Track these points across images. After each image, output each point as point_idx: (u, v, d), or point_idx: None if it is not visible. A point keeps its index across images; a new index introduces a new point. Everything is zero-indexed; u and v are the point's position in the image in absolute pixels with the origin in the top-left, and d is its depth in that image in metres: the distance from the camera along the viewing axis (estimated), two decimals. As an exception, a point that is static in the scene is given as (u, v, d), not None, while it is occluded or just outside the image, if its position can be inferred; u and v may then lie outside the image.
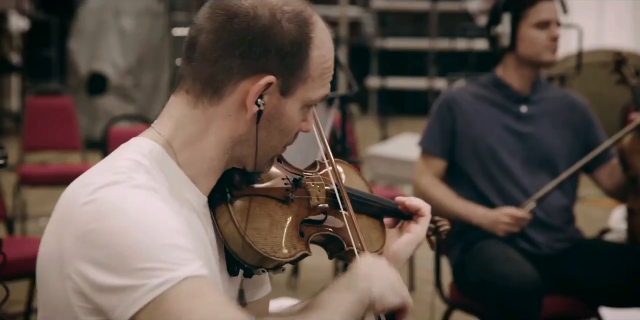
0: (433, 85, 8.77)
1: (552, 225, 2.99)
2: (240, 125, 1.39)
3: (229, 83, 1.37)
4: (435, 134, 3.07)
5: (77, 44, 8.43)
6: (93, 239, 1.24)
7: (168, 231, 1.26)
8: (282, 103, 1.40)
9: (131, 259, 1.22)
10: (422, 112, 9.93)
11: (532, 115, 3.04)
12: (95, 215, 1.25)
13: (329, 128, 3.07)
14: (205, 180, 1.41)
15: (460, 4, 10.44)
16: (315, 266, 4.81)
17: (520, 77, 3.05)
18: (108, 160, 1.37)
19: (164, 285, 1.21)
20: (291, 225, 1.46)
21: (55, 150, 5.53)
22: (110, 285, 1.23)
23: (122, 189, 1.28)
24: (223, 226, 1.42)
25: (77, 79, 8.43)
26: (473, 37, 8.52)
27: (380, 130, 8.58)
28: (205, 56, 1.38)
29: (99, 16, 8.38)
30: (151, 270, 1.22)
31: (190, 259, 1.25)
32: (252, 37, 1.36)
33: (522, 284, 2.69)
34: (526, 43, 2.98)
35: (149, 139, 1.40)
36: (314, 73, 1.41)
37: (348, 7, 10.06)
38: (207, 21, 1.38)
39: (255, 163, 1.42)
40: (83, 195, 1.28)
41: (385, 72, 10.48)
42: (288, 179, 1.50)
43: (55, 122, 5.38)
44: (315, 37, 1.41)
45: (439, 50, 8.96)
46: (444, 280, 3.20)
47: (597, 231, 4.14)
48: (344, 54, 9.21)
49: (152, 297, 1.21)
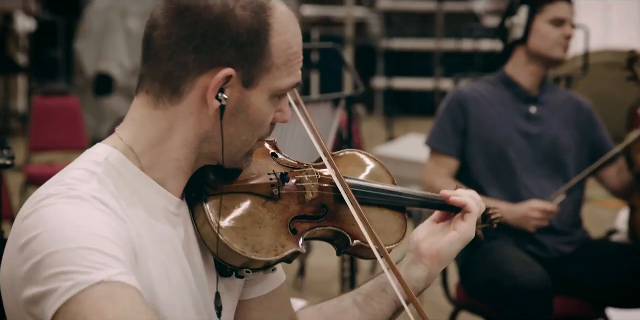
0: (439, 85, 8.76)
1: (560, 229, 2.98)
2: (204, 122, 1.33)
3: (186, 80, 1.31)
4: (447, 133, 3.04)
5: (83, 44, 8.43)
6: (23, 252, 1.21)
7: (90, 235, 1.20)
8: (246, 95, 1.33)
9: (49, 265, 1.18)
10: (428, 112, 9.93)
11: (541, 116, 3.04)
12: (28, 228, 1.23)
13: (335, 128, 3.07)
14: (174, 180, 1.36)
15: (466, 5, 10.43)
16: (321, 267, 4.81)
17: (530, 75, 3.04)
18: (62, 171, 1.33)
19: (75, 287, 1.16)
20: (279, 223, 1.39)
21: (62, 150, 5.54)
22: (34, 295, 1.19)
23: (55, 200, 1.24)
24: (200, 227, 1.37)
25: (83, 79, 8.44)
26: (479, 38, 8.51)
27: (386, 131, 8.57)
28: (159, 54, 1.32)
29: (106, 16, 8.39)
30: (65, 273, 1.17)
31: (109, 264, 1.18)
32: (205, 29, 1.29)
33: (533, 285, 2.68)
34: (538, 36, 2.99)
35: (108, 145, 1.35)
36: (277, 61, 1.33)
37: (354, 7, 10.05)
38: (159, 16, 1.32)
39: (226, 159, 1.35)
40: (25, 210, 1.26)
41: (391, 72, 10.46)
42: (275, 173, 1.42)
43: (61, 123, 5.39)
44: (274, 23, 1.32)
45: (445, 51, 8.95)
46: (451, 280, 3.20)
47: (604, 232, 4.13)
48: (349, 54, 9.20)
49: (64, 300, 1.16)
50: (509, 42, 3.07)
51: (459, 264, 3.03)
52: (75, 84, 8.63)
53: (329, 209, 1.46)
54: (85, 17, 8.53)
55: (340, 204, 1.45)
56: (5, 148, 2.22)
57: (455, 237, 1.51)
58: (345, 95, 3.12)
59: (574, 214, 3.04)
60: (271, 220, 1.39)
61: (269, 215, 1.39)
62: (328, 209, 1.46)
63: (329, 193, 1.46)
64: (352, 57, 9.50)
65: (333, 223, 1.45)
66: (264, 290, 1.52)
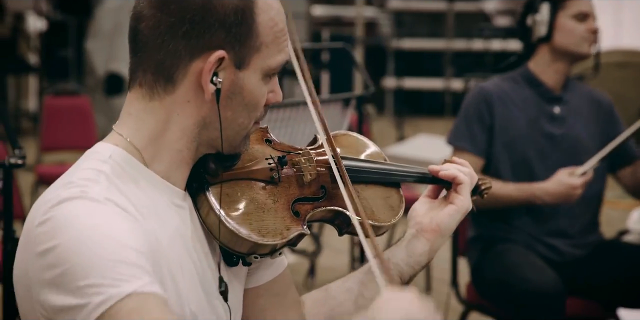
0: (449, 85, 8.76)
1: (574, 233, 2.95)
2: (201, 109, 1.33)
3: (179, 67, 1.31)
4: (473, 131, 2.95)
5: (94, 44, 8.45)
6: (46, 259, 1.22)
7: (116, 246, 1.21)
8: (239, 77, 1.33)
9: (77, 276, 1.19)
10: (438, 112, 9.93)
11: (565, 116, 2.98)
12: (47, 235, 1.23)
13: (346, 128, 3.07)
14: (177, 172, 1.36)
15: (477, 5, 10.41)
16: (331, 267, 4.81)
17: (554, 73, 2.98)
18: (69, 172, 1.33)
19: (106, 303, 1.17)
20: (281, 206, 1.40)
21: (73, 150, 5.55)
22: (62, 306, 1.20)
23: (72, 204, 1.24)
24: (205, 216, 1.37)
25: (94, 79, 8.46)
26: (490, 38, 8.50)
27: (396, 131, 8.56)
28: (149, 44, 1.32)
29: (116, 16, 8.40)
30: (94, 286, 1.18)
31: (136, 275, 1.20)
32: (192, 14, 1.29)
33: (546, 289, 2.66)
34: (564, 33, 2.92)
35: (109, 143, 1.35)
36: (266, 39, 1.33)
37: (364, 7, 10.05)
38: (144, 8, 1.32)
39: (225, 144, 1.36)
40: (39, 215, 1.25)
41: (402, 72, 10.46)
42: (272, 158, 1.44)
43: (72, 122, 5.40)
44: (258, 1, 1.32)
45: (455, 51, 8.95)
46: (461, 280, 3.19)
47: (615, 232, 4.12)
48: (360, 54, 9.19)
49: (96, 316, 1.17)
50: (532, 41, 2.98)
51: (471, 264, 3.02)
52: (86, 83, 8.66)
53: (328, 190, 1.47)
54: (96, 17, 8.55)
55: (337, 183, 1.45)
56: (17, 148, 2.22)
57: (453, 209, 1.53)
58: (356, 96, 3.12)
59: (591, 219, 3.01)
60: (274, 204, 1.40)
61: (271, 200, 1.40)
62: (327, 189, 1.47)
63: (326, 173, 1.47)
64: (363, 57, 9.49)
65: (332, 203, 1.46)
66: (269, 276, 1.53)
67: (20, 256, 1.28)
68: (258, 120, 1.40)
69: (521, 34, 3.04)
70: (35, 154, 5.57)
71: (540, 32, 2.94)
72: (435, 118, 9.79)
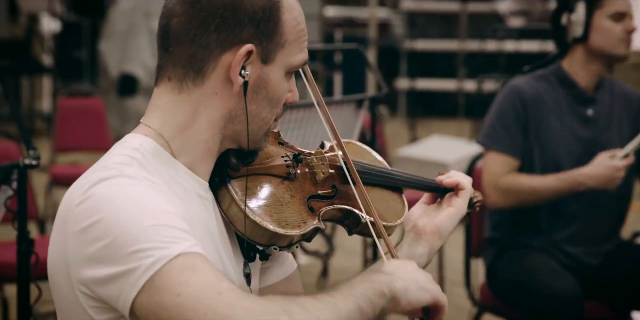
0: (462, 86, 8.74)
1: (595, 242, 2.92)
2: (228, 101, 1.40)
3: (209, 59, 1.38)
4: (510, 132, 2.87)
5: (107, 46, 8.48)
6: (88, 235, 1.26)
7: (158, 213, 1.26)
8: (265, 71, 1.40)
9: (123, 245, 1.23)
10: (451, 113, 9.91)
11: (597, 118, 2.91)
12: (88, 212, 1.27)
13: (359, 130, 3.07)
14: (203, 164, 1.42)
15: (490, 5, 10.40)
16: (344, 268, 4.81)
17: (588, 73, 2.89)
18: (100, 160, 1.38)
19: (157, 263, 1.21)
20: (298, 201, 1.46)
21: (86, 150, 5.57)
22: (107, 276, 1.24)
23: (112, 182, 1.29)
24: (227, 209, 1.43)
25: (107, 80, 8.48)
26: (503, 39, 8.48)
27: (409, 132, 8.55)
28: (180, 39, 1.38)
29: (130, 18, 8.43)
30: (143, 251, 1.22)
31: (182, 237, 1.25)
32: (223, 9, 1.36)
33: (564, 294, 2.65)
34: (600, 34, 2.83)
35: (139, 134, 1.41)
36: (290, 37, 1.41)
37: (377, 8, 10.04)
38: (175, 6, 1.39)
39: (249, 138, 1.42)
40: (77, 196, 1.30)
41: (415, 73, 10.45)
42: (288, 155, 1.51)
43: (86, 123, 5.42)
44: (283, 1, 1.41)
45: (468, 52, 8.94)
46: (474, 282, 3.19)
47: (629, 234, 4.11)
48: (373, 55, 9.19)
49: (148, 277, 1.21)
50: (567, 41, 2.88)
51: (486, 266, 3.00)
52: (99, 84, 8.68)
53: (338, 189, 1.53)
54: (109, 18, 8.58)
55: (348, 184, 1.53)
56: (31, 148, 2.23)
57: (452, 212, 1.60)
58: (369, 97, 3.12)
59: (614, 225, 2.97)
60: (291, 199, 1.46)
61: (288, 194, 1.46)
62: (337, 189, 1.53)
63: (337, 173, 1.54)
64: (376, 58, 9.49)
65: (343, 202, 1.52)
66: (279, 276, 1.58)
67: (56, 238, 1.32)
68: (277, 117, 1.47)
69: (555, 32, 2.95)
70: (48, 154, 5.59)
71: (576, 32, 2.85)
72: (448, 119, 9.77)
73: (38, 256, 2.17)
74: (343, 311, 1.27)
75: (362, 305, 1.29)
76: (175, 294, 1.20)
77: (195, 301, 1.20)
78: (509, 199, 2.84)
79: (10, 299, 3.25)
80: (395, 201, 1.63)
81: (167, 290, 1.20)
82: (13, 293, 2.40)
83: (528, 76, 2.96)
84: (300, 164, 1.51)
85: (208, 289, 1.21)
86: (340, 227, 1.58)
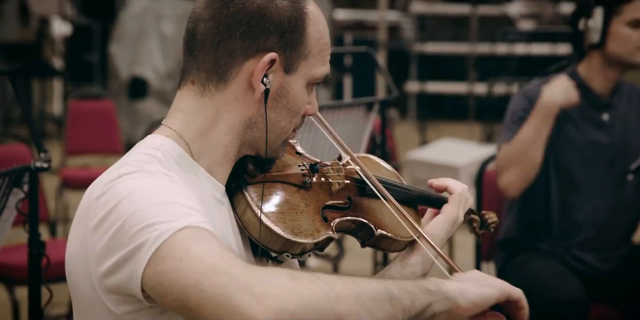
0: (472, 89, 8.73)
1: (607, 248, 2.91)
2: (249, 108, 1.42)
3: (233, 65, 1.40)
4: (520, 124, 2.81)
5: (118, 49, 8.50)
6: (104, 225, 1.27)
7: (169, 193, 1.28)
8: (287, 81, 1.42)
9: (132, 224, 1.24)
10: (461, 116, 9.89)
11: (613, 123, 2.89)
12: (105, 203, 1.28)
13: (369, 133, 3.07)
14: (221, 168, 1.44)
15: (501, 8, 10.38)
16: (354, 271, 4.80)
17: (605, 79, 2.86)
18: (122, 158, 1.40)
19: (162, 235, 1.21)
20: (312, 210, 1.47)
21: (97, 153, 5.59)
22: (119, 260, 1.24)
23: (132, 177, 1.31)
24: (241, 214, 1.44)
25: (118, 83, 8.50)
26: (513, 42, 8.47)
27: (419, 135, 8.55)
28: (206, 43, 1.40)
29: (140, 21, 8.44)
30: (150, 226, 1.23)
31: (190, 213, 1.25)
32: (250, 17, 1.39)
33: (568, 298, 2.64)
34: (617, 41, 2.78)
35: (160, 135, 1.42)
36: (313, 49, 1.44)
37: (387, 11, 10.04)
38: (203, 11, 1.41)
39: (267, 146, 1.44)
40: (97, 191, 1.31)
41: (425, 76, 10.44)
42: (304, 165, 1.52)
43: (96, 126, 5.43)
44: (309, 13, 1.43)
45: (478, 55, 8.92)
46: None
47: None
48: (383, 58, 9.19)
49: (154, 249, 1.21)
50: (584, 46, 2.85)
51: (497, 269, 3.00)
52: (110, 87, 8.70)
53: (353, 201, 1.55)
54: (120, 21, 8.60)
55: (362, 196, 1.56)
56: (42, 151, 2.24)
57: (441, 218, 1.62)
58: (379, 100, 3.12)
59: (627, 231, 2.95)
60: (305, 208, 1.47)
61: (303, 203, 1.47)
62: (352, 200, 1.55)
63: (352, 185, 1.56)
64: (385, 61, 9.49)
65: (357, 213, 1.54)
66: None
67: (76, 235, 1.33)
68: (296, 128, 1.48)
69: (572, 36, 2.92)
70: (59, 157, 5.60)
71: (593, 38, 2.81)
72: (458, 122, 9.76)
73: (49, 259, 2.17)
74: (364, 288, 1.19)
75: (394, 291, 1.21)
76: (178, 258, 1.19)
77: (196, 263, 1.18)
78: (511, 174, 2.78)
79: (21, 302, 3.25)
80: (409, 215, 1.61)
81: (170, 257, 1.20)
82: (24, 295, 2.40)
83: (541, 81, 2.93)
84: (316, 174, 1.52)
85: (211, 253, 1.19)
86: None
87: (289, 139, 1.49)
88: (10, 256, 3.21)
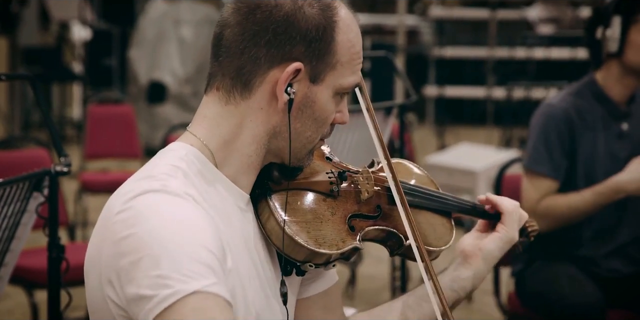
0: (491, 94, 8.70)
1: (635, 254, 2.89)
2: (273, 117, 1.38)
3: (257, 74, 1.37)
4: (553, 155, 2.79)
5: (137, 53, 8.53)
6: (120, 247, 1.25)
7: (190, 243, 1.24)
8: (312, 91, 1.38)
9: (147, 267, 1.22)
10: (480, 121, 9.87)
11: (632, 133, 2.86)
12: (126, 223, 1.26)
13: (387, 137, 3.07)
14: (245, 177, 1.41)
15: (520, 12, 10.35)
16: (372, 275, 4.80)
17: (623, 88, 2.82)
18: (146, 167, 1.38)
19: (172, 297, 1.20)
20: (338, 219, 1.43)
21: (116, 157, 5.61)
22: (129, 294, 1.24)
23: (154, 196, 1.28)
24: (265, 222, 1.41)
25: (137, 87, 8.53)
26: (532, 46, 8.44)
27: (437, 139, 8.54)
28: (231, 50, 1.37)
29: (159, 26, 8.48)
30: (164, 278, 1.21)
31: (204, 274, 1.23)
32: (276, 25, 1.35)
33: (585, 303, 2.63)
34: (636, 50, 2.74)
35: (184, 142, 1.41)
36: (342, 58, 1.39)
37: (406, 15, 10.04)
38: (230, 16, 1.38)
39: (292, 156, 1.40)
40: (119, 204, 1.29)
41: (443, 80, 10.43)
42: (332, 172, 1.48)
43: (115, 130, 5.45)
44: (339, 21, 1.39)
45: (497, 59, 8.89)
46: (503, 291, 3.17)
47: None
48: (401, 62, 9.18)
49: (161, 309, 1.20)
50: (602, 55, 2.81)
51: (514, 274, 2.99)
52: (129, 92, 8.74)
53: (383, 210, 1.50)
54: (139, 26, 8.64)
55: (393, 205, 1.49)
56: (62, 155, 2.25)
57: (496, 235, 1.60)
58: (398, 104, 3.11)
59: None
60: (332, 217, 1.43)
61: (329, 212, 1.43)
62: (382, 209, 1.50)
63: (383, 194, 1.51)
64: (404, 65, 9.48)
65: (387, 223, 1.50)
66: (320, 288, 1.56)
67: (94, 244, 1.32)
68: (323, 137, 1.44)
69: (589, 44, 2.88)
70: (79, 161, 5.63)
71: (611, 47, 2.77)
72: (476, 127, 9.74)
73: (68, 262, 2.18)
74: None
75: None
76: None
77: None
78: (549, 223, 2.76)
79: (41, 305, 3.27)
80: (443, 226, 1.59)
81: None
82: (43, 299, 2.41)
83: (564, 92, 2.89)
84: (345, 182, 1.48)
85: None
86: None
87: (315, 149, 1.45)
88: (30, 260, 3.23)
